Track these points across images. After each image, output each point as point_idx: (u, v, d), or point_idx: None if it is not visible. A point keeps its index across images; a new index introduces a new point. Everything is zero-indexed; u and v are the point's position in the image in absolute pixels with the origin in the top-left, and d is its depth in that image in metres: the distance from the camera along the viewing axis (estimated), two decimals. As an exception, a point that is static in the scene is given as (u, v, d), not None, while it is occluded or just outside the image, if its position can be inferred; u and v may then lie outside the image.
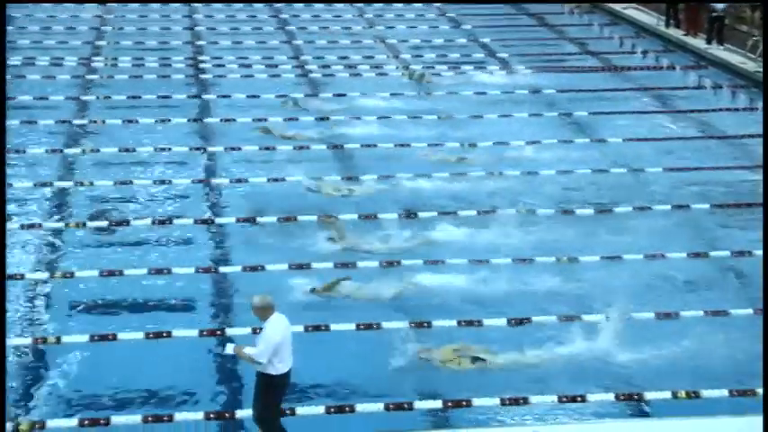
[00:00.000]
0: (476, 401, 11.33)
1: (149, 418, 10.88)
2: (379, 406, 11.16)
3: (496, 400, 11.35)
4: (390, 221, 16.28)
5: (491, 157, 19.30)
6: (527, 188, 17.85)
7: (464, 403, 11.33)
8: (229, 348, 10.32)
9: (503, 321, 13.18)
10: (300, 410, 10.96)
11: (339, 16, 31.21)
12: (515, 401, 11.37)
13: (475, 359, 12.20)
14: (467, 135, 20.54)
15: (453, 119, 21.75)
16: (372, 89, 23.58)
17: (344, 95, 23.08)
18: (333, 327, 12.88)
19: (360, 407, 11.16)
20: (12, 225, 15.77)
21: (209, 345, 12.65)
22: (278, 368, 10.02)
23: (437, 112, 22.18)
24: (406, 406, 11.21)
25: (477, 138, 20.34)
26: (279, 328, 10.06)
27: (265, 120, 21.15)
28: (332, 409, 11.09)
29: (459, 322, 13.08)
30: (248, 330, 12.79)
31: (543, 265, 14.79)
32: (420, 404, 11.33)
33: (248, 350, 10.10)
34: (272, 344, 9.93)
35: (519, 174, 18.49)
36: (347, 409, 11.10)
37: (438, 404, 11.37)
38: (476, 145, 19.94)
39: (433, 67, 25.62)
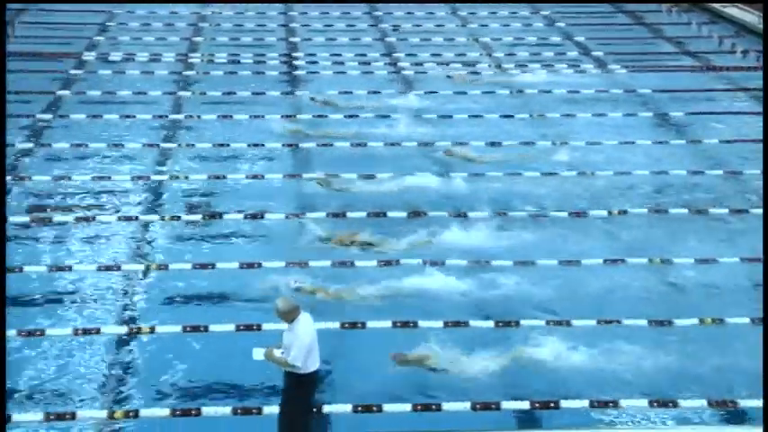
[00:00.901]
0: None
1: (239, 411, 11.04)
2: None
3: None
4: (480, 220, 16.27)
5: (583, 156, 19.11)
6: (619, 188, 17.63)
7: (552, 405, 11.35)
8: (258, 354, 10.24)
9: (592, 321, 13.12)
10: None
11: (432, 14, 31.18)
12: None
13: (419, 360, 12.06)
14: (558, 134, 20.37)
15: (545, 118, 21.58)
16: (463, 87, 23.53)
17: (436, 93, 23.09)
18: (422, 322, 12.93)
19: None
20: (109, 217, 16.17)
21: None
22: (307, 367, 10.05)
23: (529, 110, 22.03)
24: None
25: (568, 137, 20.16)
26: (308, 328, 10.08)
27: (357, 116, 21.27)
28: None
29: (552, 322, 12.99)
30: (336, 325, 12.96)
31: (635, 267, 14.58)
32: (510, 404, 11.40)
33: (278, 353, 10.09)
34: (306, 346, 9.93)
35: (612, 174, 18.27)
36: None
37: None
38: (567, 143, 19.77)
39: (527, 66, 25.48)
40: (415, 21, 30.32)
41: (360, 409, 11.16)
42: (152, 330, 12.82)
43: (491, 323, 13.21)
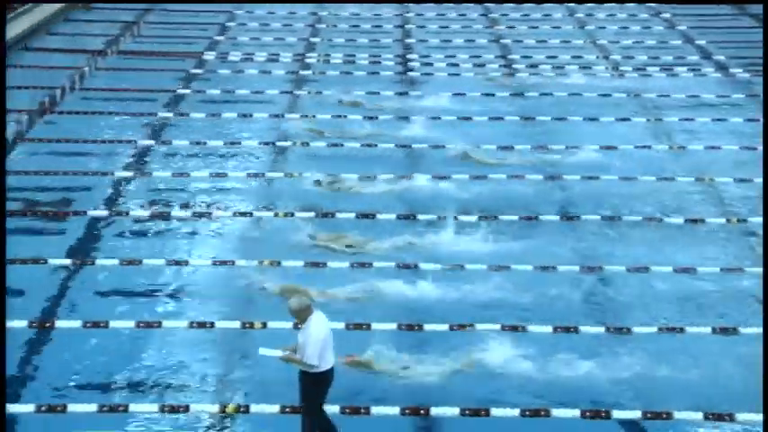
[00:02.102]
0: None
1: (347, 410, 11.13)
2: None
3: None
4: (592, 223, 16.12)
5: (700, 161, 18.71)
6: (739, 196, 17.23)
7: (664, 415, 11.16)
8: (265, 351, 10.19)
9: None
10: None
11: (548, 15, 30.91)
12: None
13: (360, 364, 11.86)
14: (676, 138, 19.98)
15: (663, 122, 21.18)
16: (580, 89, 23.27)
17: (551, 95, 22.89)
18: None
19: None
20: (224, 213, 16.48)
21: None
22: (322, 366, 10.07)
23: (647, 114, 21.65)
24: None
25: (686, 141, 19.76)
26: (321, 327, 10.08)
27: (470, 119, 21.26)
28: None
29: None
30: (446, 327, 12.98)
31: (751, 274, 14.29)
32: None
33: (290, 354, 10.12)
34: (320, 344, 9.95)
35: (732, 180, 17.85)
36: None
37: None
38: (685, 148, 19.38)
39: (645, 69, 25.05)
40: (531, 23, 30.11)
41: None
42: (264, 326, 13.00)
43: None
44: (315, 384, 10.16)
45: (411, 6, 32.25)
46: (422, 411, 11.25)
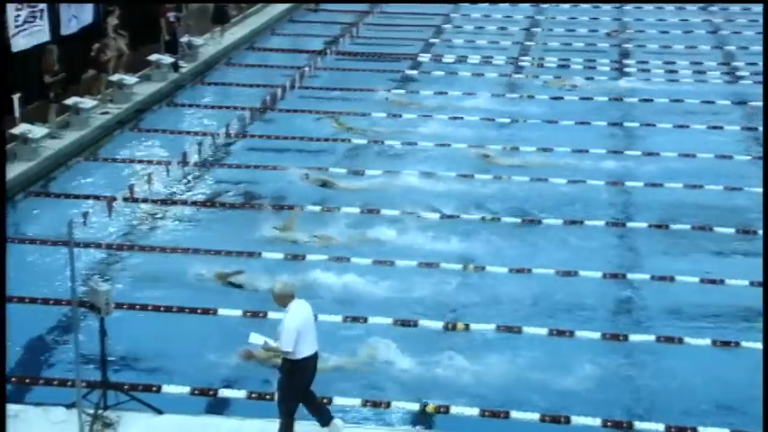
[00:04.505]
0: None
1: (546, 418, 11.08)
2: None
3: None
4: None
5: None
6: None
7: None
8: (255, 338, 10.18)
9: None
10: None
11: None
12: None
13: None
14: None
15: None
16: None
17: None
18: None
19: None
20: (431, 214, 16.57)
21: (615, 350, 12.63)
22: (298, 354, 9.90)
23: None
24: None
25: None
26: (298, 314, 9.94)
27: (687, 127, 20.65)
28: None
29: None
30: (652, 338, 12.68)
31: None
32: None
33: (272, 343, 10.07)
34: (293, 330, 9.81)
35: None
36: None
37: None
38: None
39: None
40: (758, 29, 28.91)
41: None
42: (466, 327, 13.07)
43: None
44: (290, 374, 10.04)
45: (629, 10, 31.63)
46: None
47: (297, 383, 10.06)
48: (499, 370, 12.05)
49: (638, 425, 11.00)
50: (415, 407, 11.25)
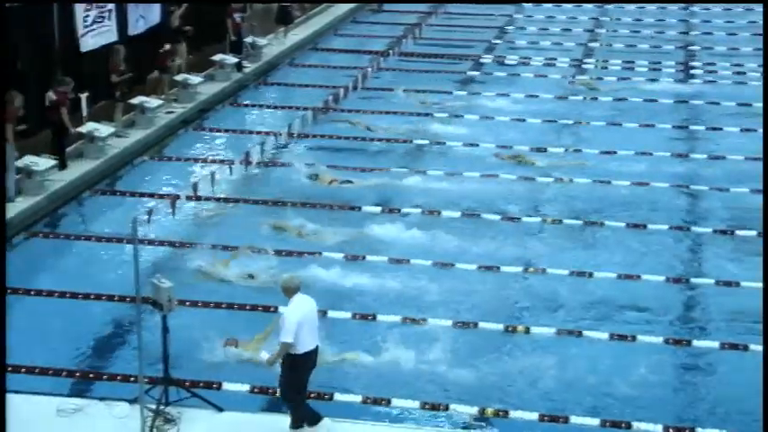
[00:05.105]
0: None
1: (607, 423, 10.96)
2: None
3: None
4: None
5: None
6: None
7: None
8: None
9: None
10: None
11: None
12: None
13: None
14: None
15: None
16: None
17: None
18: None
19: None
20: (493, 216, 16.54)
21: (677, 355, 12.49)
22: (300, 347, 9.99)
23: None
24: None
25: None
26: (300, 307, 10.05)
27: (754, 131, 20.31)
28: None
29: None
30: (715, 344, 12.54)
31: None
32: None
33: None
34: (292, 323, 9.91)
35: None
36: None
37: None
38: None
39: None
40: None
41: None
42: (527, 331, 13.01)
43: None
44: (292, 368, 10.13)
45: (695, 11, 31.24)
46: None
47: (298, 377, 10.21)
48: (559, 374, 11.96)
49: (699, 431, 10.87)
50: (474, 410, 11.21)
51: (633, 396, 11.53)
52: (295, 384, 10.23)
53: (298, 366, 10.14)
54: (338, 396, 11.34)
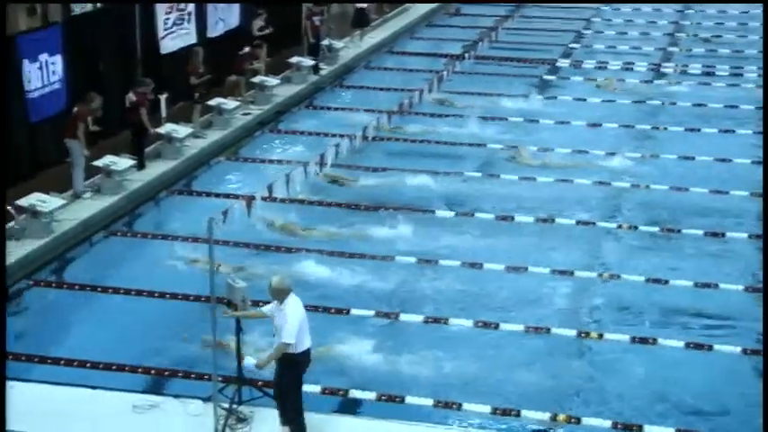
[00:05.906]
0: None
1: (680, 430, 10.81)
2: None
3: None
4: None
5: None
6: None
7: None
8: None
9: None
10: None
11: None
12: None
13: None
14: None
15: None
16: None
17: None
18: None
19: None
20: (567, 221, 16.41)
21: (755, 366, 12.24)
22: (299, 346, 10.16)
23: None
24: None
25: None
26: (298, 308, 10.23)
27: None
28: None
29: None
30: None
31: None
32: None
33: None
34: (295, 324, 10.08)
35: None
36: None
37: None
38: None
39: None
40: None
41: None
42: (600, 337, 12.87)
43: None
44: (291, 367, 10.24)
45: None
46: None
47: (297, 376, 10.38)
48: (633, 381, 11.84)
49: (777, 445, 10.65)
50: (546, 416, 11.13)
51: (708, 406, 11.36)
52: (296, 382, 10.43)
53: (298, 365, 10.36)
54: (409, 399, 11.35)
